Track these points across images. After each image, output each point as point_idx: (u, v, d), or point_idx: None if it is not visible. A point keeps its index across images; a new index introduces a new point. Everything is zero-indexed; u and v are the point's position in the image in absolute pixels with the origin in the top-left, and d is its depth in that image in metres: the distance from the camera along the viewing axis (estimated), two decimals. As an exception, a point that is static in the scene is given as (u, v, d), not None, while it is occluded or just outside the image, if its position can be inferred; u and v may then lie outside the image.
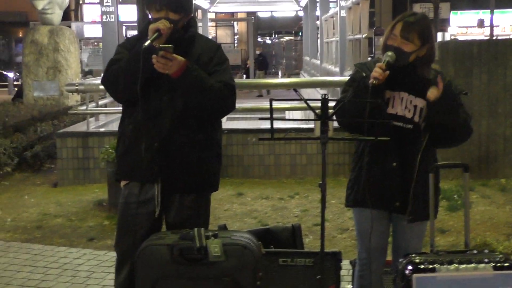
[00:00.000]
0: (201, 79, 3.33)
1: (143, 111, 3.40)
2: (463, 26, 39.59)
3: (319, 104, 3.21)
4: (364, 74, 3.46)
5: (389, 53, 3.38)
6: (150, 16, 3.48)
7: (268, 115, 3.32)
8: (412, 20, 3.43)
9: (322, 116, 3.20)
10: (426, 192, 3.42)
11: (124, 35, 25.89)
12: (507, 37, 34.02)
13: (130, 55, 3.39)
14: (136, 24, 8.11)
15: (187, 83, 3.32)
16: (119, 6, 13.20)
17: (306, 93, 17.05)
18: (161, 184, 3.44)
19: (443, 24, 36.70)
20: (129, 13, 11.72)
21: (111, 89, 3.55)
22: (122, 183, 3.58)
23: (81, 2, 36.50)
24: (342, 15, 13.35)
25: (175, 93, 3.37)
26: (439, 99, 3.34)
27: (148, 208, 3.47)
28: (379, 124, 3.32)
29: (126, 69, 3.36)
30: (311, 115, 3.38)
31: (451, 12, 39.38)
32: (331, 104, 3.31)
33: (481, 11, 37.20)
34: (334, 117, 3.33)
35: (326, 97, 3.21)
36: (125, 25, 26.95)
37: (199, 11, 32.65)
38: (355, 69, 3.64)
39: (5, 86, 29.30)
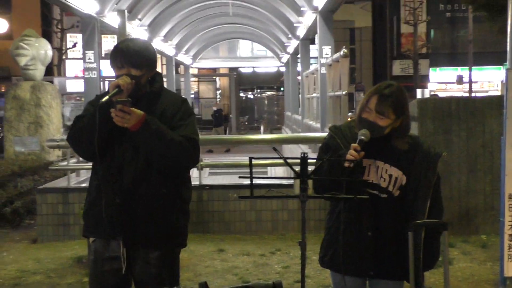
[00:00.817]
0: (161, 132, 3.33)
1: (104, 167, 3.41)
2: (442, 82, 40.24)
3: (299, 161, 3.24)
4: (339, 143, 3.47)
5: (363, 131, 3.37)
6: (114, 73, 3.49)
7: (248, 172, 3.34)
8: (387, 93, 3.42)
9: (302, 174, 3.22)
10: (399, 252, 3.44)
11: (106, 90, 25.93)
12: (485, 93, 34.56)
13: (92, 111, 3.40)
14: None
15: (146, 136, 3.31)
16: (101, 61, 13.32)
17: (288, 148, 17.13)
18: (124, 240, 3.41)
19: (423, 81, 37.29)
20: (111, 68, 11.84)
21: (75, 146, 3.54)
22: (90, 239, 3.57)
23: (64, 57, 36.72)
24: (322, 72, 13.52)
25: (138, 148, 3.38)
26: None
27: (114, 265, 3.44)
28: (356, 188, 3.35)
29: (88, 125, 3.36)
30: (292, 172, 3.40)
31: (430, 68, 40.06)
32: (311, 161, 3.34)
33: (459, 68, 37.93)
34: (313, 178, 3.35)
35: (306, 155, 3.24)
36: (107, 80, 27.13)
37: (182, 67, 32.96)
38: (329, 134, 3.63)
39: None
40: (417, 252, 3.45)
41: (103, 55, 31.77)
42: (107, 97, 3.27)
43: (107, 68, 3.83)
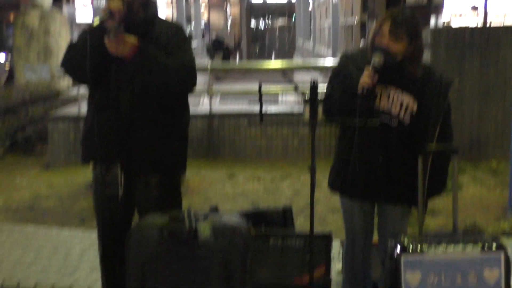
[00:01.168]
0: (155, 59, 3.30)
1: (100, 93, 3.40)
2: (456, 11, 39.58)
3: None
4: (351, 71, 3.43)
5: (377, 58, 3.33)
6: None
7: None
8: (400, 18, 3.38)
9: (311, 100, 3.20)
10: (409, 177, 3.45)
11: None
12: (501, 22, 33.98)
13: (82, 39, 3.35)
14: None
15: (140, 64, 3.29)
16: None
17: (300, 76, 17.06)
18: (123, 165, 3.43)
19: (437, 9, 36.70)
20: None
21: (69, 72, 3.52)
22: (90, 166, 3.59)
23: (73, -16, 36.26)
24: (334, 1, 13.32)
25: (133, 75, 3.35)
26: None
27: (115, 190, 3.46)
28: (367, 116, 3.34)
29: (80, 51, 3.31)
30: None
31: (445, -4, 39.34)
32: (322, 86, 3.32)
33: (474, -5, 37.19)
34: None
35: (315, 82, 3.22)
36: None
37: (192, -6, 32.55)
38: (341, 61, 3.61)
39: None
40: (425, 178, 3.47)
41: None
42: (97, 20, 3.24)
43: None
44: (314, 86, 3.24)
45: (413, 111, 3.44)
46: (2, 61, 29.57)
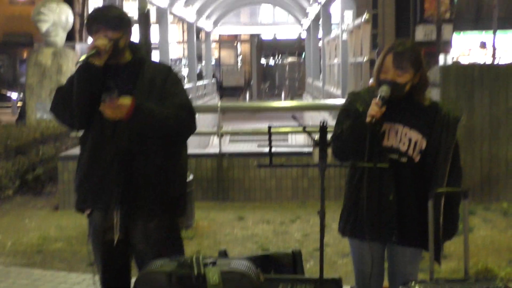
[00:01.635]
0: (153, 113, 3.29)
1: (94, 136, 3.37)
2: (465, 48, 39.70)
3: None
4: (358, 107, 3.42)
5: (384, 88, 3.32)
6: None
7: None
8: (402, 49, 3.38)
9: (321, 143, 3.19)
10: (420, 219, 3.43)
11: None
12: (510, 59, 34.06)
13: (69, 81, 3.36)
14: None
15: (140, 121, 3.27)
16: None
17: (309, 115, 17.08)
18: (122, 210, 3.39)
19: (446, 46, 36.81)
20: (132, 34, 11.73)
21: (59, 116, 3.47)
22: (86, 212, 3.54)
23: (85, 22, 36.74)
24: (343, 38, 13.40)
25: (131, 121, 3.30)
26: None
27: (114, 235, 3.43)
28: (376, 155, 3.33)
29: (68, 91, 3.31)
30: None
31: (454, 33, 39.50)
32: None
33: (484, 31, 37.33)
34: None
35: (325, 123, 3.21)
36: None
37: (203, 33, 32.84)
38: (348, 99, 3.61)
39: (9, 106, 29.37)
40: (437, 221, 3.43)
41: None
42: (83, 57, 3.23)
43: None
44: (323, 128, 3.23)
45: (422, 148, 3.43)
46: (15, 98, 29.82)
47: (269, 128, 3.32)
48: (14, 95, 32.22)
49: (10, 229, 7.73)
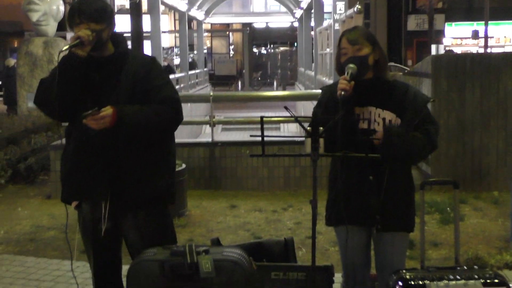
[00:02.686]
0: (137, 117, 3.28)
1: (80, 129, 3.34)
2: (458, 37, 39.74)
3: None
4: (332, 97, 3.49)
5: (351, 65, 3.42)
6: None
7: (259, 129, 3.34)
8: (352, 29, 3.57)
9: (313, 133, 3.22)
10: (399, 203, 3.50)
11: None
12: (502, 48, 34.16)
13: (52, 72, 3.35)
14: (130, 34, 8.16)
15: (126, 126, 3.27)
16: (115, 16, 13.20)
17: (301, 104, 17.09)
18: (111, 201, 3.39)
19: (438, 36, 36.83)
20: (123, 23, 11.75)
21: (44, 108, 3.42)
22: (73, 204, 3.54)
23: (67, 14, 36.55)
24: (336, 28, 13.40)
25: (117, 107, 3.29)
26: (384, 144, 3.37)
27: (100, 226, 3.44)
28: (359, 140, 3.39)
29: (52, 82, 3.28)
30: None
31: (446, 23, 39.53)
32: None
33: (475, 23, 37.40)
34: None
35: (317, 116, 3.24)
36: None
37: (194, 22, 32.74)
38: (322, 92, 3.69)
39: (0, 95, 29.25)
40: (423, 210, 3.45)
41: (115, 11, 31.54)
42: (66, 47, 3.22)
43: (119, 23, 3.75)
44: (315, 120, 3.26)
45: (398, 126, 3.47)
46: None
47: (262, 118, 3.34)
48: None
49: (3, 218, 7.74)
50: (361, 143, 3.42)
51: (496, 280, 3.13)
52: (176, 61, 33.25)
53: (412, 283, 3.13)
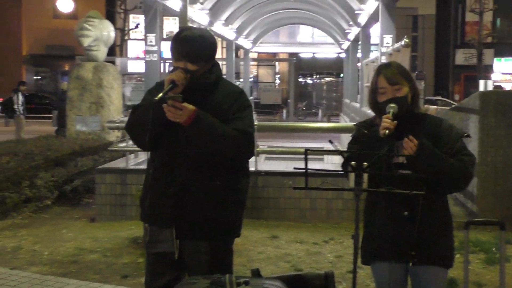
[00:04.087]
0: (213, 126, 3.34)
1: (159, 156, 3.50)
2: (507, 73, 39.29)
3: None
4: (365, 131, 3.55)
5: (392, 105, 3.43)
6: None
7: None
8: (389, 67, 3.57)
9: (357, 168, 3.21)
10: (435, 236, 3.46)
11: (166, 71, 26.41)
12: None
13: (147, 105, 3.43)
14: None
15: (198, 131, 3.33)
16: (162, 43, 13.44)
17: (346, 136, 17.01)
18: (176, 229, 3.47)
19: (486, 71, 36.45)
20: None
21: (131, 136, 3.64)
22: (146, 225, 3.65)
23: (126, 38, 37.24)
24: (382, 60, 13.37)
25: (190, 141, 3.40)
26: (417, 157, 3.35)
27: (167, 248, 3.51)
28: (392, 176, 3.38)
29: (142, 119, 3.42)
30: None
31: (495, 58, 39.14)
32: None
33: (525, 58, 36.87)
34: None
35: (361, 150, 3.24)
36: (168, 62, 27.44)
37: (241, 51, 33.01)
38: (356, 128, 3.71)
39: (50, 117, 29.82)
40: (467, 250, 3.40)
41: (164, 37, 32.06)
42: (161, 94, 3.28)
43: (167, 50, 3.84)
44: (360, 153, 3.26)
45: None
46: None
47: (306, 151, 3.35)
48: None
49: (48, 239, 7.85)
50: (399, 179, 3.40)
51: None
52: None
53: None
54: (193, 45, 3.43)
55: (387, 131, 3.33)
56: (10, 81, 34.95)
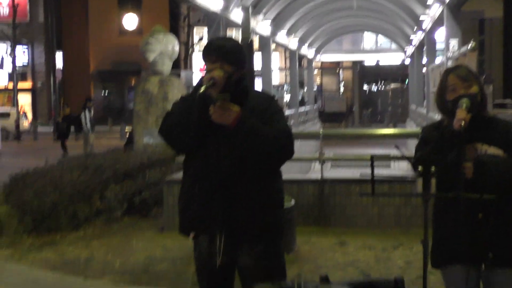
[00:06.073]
0: (256, 128, 3.35)
1: (198, 163, 3.46)
2: None
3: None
4: (435, 134, 3.47)
5: (464, 100, 3.36)
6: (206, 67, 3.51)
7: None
8: (458, 67, 3.59)
9: (424, 173, 3.19)
10: (511, 238, 3.39)
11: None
12: None
13: (183, 107, 3.45)
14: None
15: (243, 133, 3.33)
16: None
17: (413, 142, 16.81)
18: (226, 235, 3.46)
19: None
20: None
21: (168, 141, 3.56)
22: (191, 235, 3.62)
23: (190, 51, 37.77)
24: (449, 65, 13.19)
25: (232, 144, 3.38)
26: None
27: (216, 259, 3.50)
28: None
29: (179, 121, 3.41)
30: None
31: None
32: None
33: None
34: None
35: (429, 155, 3.22)
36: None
37: (305, 60, 33.06)
38: (424, 131, 3.66)
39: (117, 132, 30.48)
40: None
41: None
42: (203, 88, 3.30)
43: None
44: (427, 158, 3.24)
45: None
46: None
47: (372, 158, 3.35)
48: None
49: (118, 249, 8.02)
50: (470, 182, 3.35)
51: None
52: (286, 97, 33.56)
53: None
54: (231, 48, 3.49)
55: (463, 122, 3.26)
56: (81, 96, 35.84)
